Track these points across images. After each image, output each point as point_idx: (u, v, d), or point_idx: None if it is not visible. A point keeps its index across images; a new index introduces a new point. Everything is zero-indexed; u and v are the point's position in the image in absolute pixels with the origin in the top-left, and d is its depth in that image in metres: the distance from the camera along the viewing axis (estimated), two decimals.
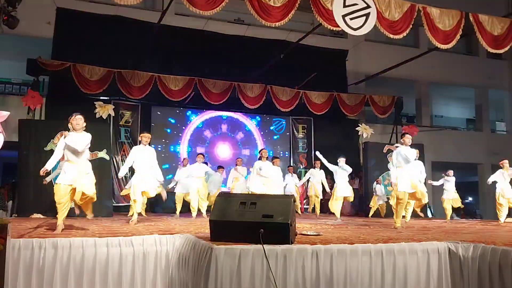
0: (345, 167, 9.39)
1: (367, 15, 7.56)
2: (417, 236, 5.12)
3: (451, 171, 10.31)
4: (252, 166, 8.99)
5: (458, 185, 10.26)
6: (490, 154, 16.38)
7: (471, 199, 19.94)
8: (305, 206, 12.61)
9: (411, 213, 7.52)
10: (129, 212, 8.47)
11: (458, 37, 8.32)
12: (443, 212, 10.39)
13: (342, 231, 6.01)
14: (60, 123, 8.72)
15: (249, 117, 13.73)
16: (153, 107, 12.56)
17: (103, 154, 9.29)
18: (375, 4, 7.64)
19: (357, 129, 12.92)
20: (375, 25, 7.69)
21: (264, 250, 3.55)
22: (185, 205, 9.53)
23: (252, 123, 13.81)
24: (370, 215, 11.49)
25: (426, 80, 16.80)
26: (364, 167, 12.50)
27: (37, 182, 8.14)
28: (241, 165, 10.47)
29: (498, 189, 8.91)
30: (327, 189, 10.28)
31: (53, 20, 11.48)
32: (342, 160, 9.44)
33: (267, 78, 12.33)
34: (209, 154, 12.82)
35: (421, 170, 7.66)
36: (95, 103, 10.54)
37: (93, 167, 5.48)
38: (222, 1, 6.99)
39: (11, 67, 13.17)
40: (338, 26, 7.45)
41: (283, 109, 12.52)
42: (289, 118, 14.04)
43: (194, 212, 9.03)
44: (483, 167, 16.91)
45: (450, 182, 10.16)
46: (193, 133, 13.19)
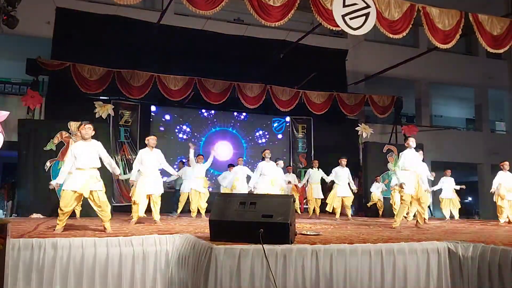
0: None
1: (367, 15, 7.57)
2: (416, 236, 5.12)
3: (449, 171, 10.30)
4: (252, 166, 8.97)
5: (457, 185, 10.25)
6: (489, 154, 16.40)
7: (470, 199, 19.95)
8: (305, 206, 12.59)
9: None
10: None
11: (457, 37, 8.32)
12: (442, 212, 10.40)
13: (342, 231, 6.01)
14: (59, 123, 8.76)
15: (249, 117, 13.72)
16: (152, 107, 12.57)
17: (123, 176, 9.67)
18: (375, 4, 7.65)
19: (356, 129, 12.92)
20: (375, 25, 7.70)
21: (263, 250, 3.55)
22: (185, 205, 9.50)
23: (252, 123, 13.79)
24: (380, 214, 11.57)
25: (425, 80, 16.80)
26: (363, 167, 12.51)
27: (37, 182, 8.15)
28: (242, 165, 10.45)
29: (499, 190, 8.76)
30: (327, 180, 10.04)
31: (52, 20, 11.46)
32: (343, 161, 9.55)
33: (266, 78, 12.33)
34: (209, 154, 12.76)
35: (427, 174, 7.72)
36: (94, 103, 10.54)
37: None
38: (221, 0, 6.98)
39: (10, 67, 13.16)
40: (337, 26, 7.45)
41: (282, 109, 12.52)
42: (289, 118, 14.03)
43: (193, 213, 9.04)
44: (483, 167, 16.93)
45: (447, 182, 10.15)
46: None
